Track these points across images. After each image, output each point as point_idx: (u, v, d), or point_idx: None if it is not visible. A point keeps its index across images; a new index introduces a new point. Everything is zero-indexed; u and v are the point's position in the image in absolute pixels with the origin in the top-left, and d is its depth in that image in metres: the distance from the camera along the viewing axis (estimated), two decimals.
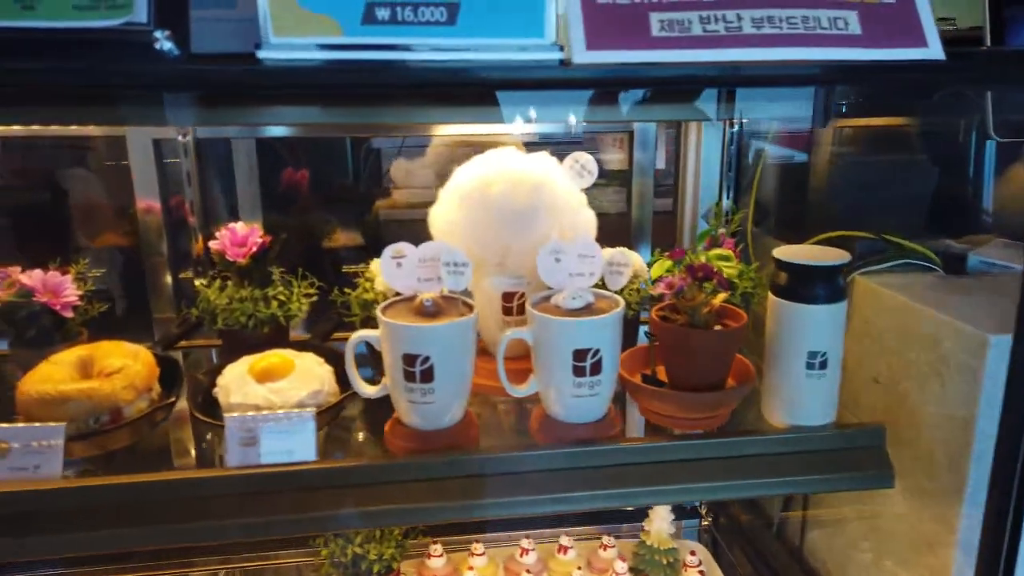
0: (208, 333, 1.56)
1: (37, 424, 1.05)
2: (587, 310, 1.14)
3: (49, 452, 1.05)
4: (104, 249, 1.80)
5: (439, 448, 1.13)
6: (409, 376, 1.10)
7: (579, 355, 1.10)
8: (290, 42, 0.91)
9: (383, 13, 0.93)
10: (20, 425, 1.05)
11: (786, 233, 1.62)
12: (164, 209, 1.64)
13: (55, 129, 1.67)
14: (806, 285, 1.13)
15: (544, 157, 1.32)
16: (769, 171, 1.66)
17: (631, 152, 1.75)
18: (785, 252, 1.16)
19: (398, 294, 1.35)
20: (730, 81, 1.00)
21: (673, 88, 1.01)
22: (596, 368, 1.11)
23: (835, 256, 1.14)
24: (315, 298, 1.40)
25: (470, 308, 1.15)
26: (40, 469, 1.05)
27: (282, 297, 1.35)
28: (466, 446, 1.15)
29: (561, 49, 0.94)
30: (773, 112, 1.30)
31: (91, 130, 1.63)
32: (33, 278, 1.26)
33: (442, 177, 2.24)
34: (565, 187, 1.30)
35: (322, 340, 1.42)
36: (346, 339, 1.14)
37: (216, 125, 1.56)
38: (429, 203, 1.33)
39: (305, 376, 1.20)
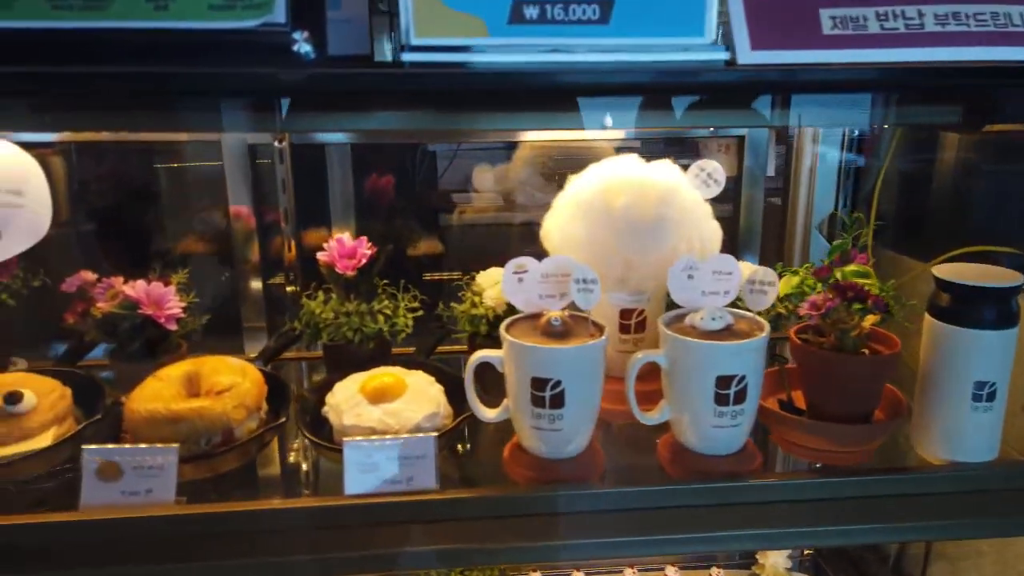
0: (301, 345, 1.52)
1: (150, 445, 1.00)
2: (729, 332, 1.05)
3: (162, 475, 1.00)
4: (192, 256, 1.77)
5: (565, 479, 1.05)
6: (537, 401, 1.02)
7: (723, 382, 1.01)
8: (434, 43, 0.85)
9: (531, 12, 0.86)
10: (132, 446, 1.00)
11: (909, 247, 1.51)
12: (257, 215, 1.60)
13: (146, 133, 1.64)
14: (975, 308, 1.02)
15: (668, 165, 1.23)
16: (890, 180, 1.55)
17: (740, 158, 1.65)
18: (948, 271, 1.05)
19: (510, 309, 1.28)
20: (910, 84, 0.91)
21: (845, 91, 0.92)
22: (740, 396, 1.02)
23: (1006, 276, 1.04)
24: (420, 313, 1.34)
25: (599, 328, 1.07)
26: (152, 494, 1.00)
27: (387, 311, 1.28)
28: (592, 477, 1.07)
29: (726, 49, 0.86)
30: (918, 117, 1.20)
31: (183, 134, 1.59)
32: (137, 289, 1.22)
33: (528, 183, 2.17)
34: (692, 197, 1.21)
35: (426, 356, 1.35)
36: (451, 355, 1.07)
37: (342, 131, 1.51)
38: (512, 210, 1.25)
39: (419, 397, 1.14)
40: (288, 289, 1.64)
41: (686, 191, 1.21)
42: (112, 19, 0.80)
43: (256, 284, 1.67)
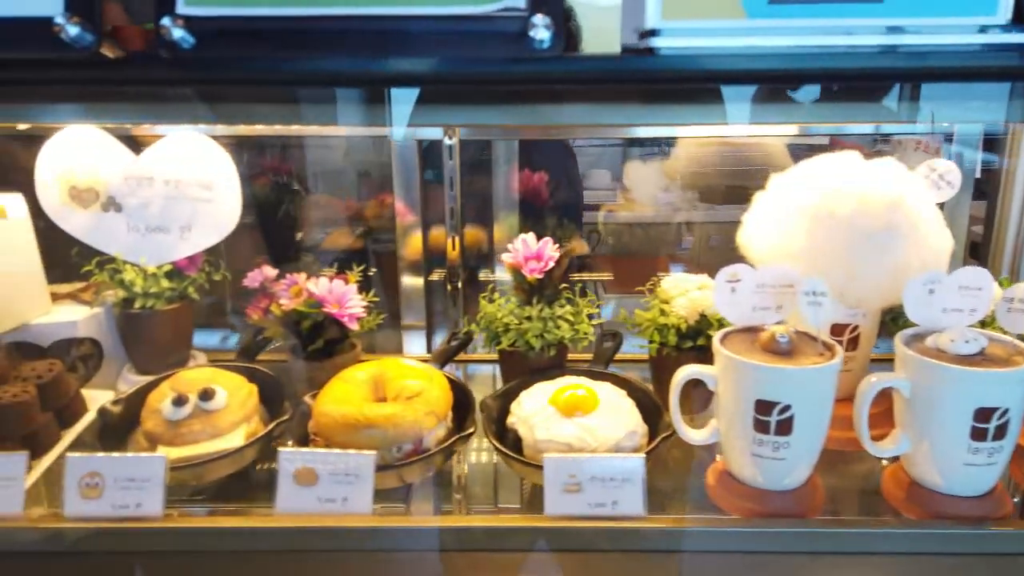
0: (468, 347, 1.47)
1: (347, 451, 0.96)
2: (985, 358, 0.91)
3: (358, 483, 0.96)
4: (354, 252, 1.76)
5: (783, 513, 0.95)
6: (761, 426, 0.92)
7: (982, 415, 0.88)
8: (684, 27, 0.76)
9: None
10: (330, 451, 0.97)
11: None
12: (423, 211, 1.56)
13: (312, 128, 1.63)
14: None
15: (894, 165, 1.10)
16: None
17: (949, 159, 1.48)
18: None
19: (703, 320, 1.19)
20: None
21: None
22: (1001, 432, 0.89)
23: None
24: (602, 320, 1.26)
25: (829, 347, 0.95)
26: (348, 502, 0.96)
27: (570, 317, 1.21)
28: (812, 513, 0.96)
29: None
30: None
31: (354, 128, 1.57)
32: (320, 287, 1.20)
33: (688, 181, 2.05)
34: (924, 203, 1.08)
35: (605, 365, 1.27)
36: (624, 364, 0.98)
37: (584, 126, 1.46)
38: (663, 209, 1.15)
39: (614, 412, 1.06)
40: (450, 288, 1.60)
41: (918, 195, 1.07)
42: (339, 5, 0.75)
43: (416, 282, 1.64)
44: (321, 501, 0.96)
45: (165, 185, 1.20)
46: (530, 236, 1.21)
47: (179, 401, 1.06)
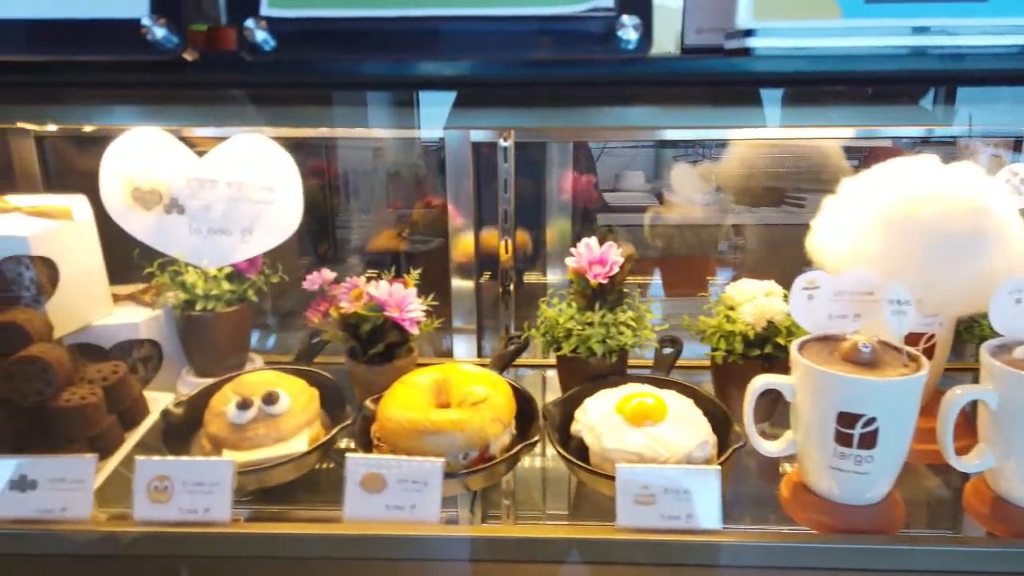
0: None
1: (414, 458, 0.95)
2: None
3: (426, 490, 0.95)
4: (404, 254, 1.75)
5: (864, 528, 0.92)
6: (843, 439, 0.89)
7: None
8: (779, 27, 0.74)
9: None
10: (398, 458, 0.95)
11: None
12: (476, 213, 1.55)
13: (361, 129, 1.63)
14: None
15: (973, 169, 1.07)
16: None
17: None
18: None
19: (771, 327, 1.16)
20: None
21: None
22: None
23: None
24: (666, 326, 1.23)
25: (913, 358, 0.92)
26: (416, 509, 0.95)
27: (632, 323, 1.19)
28: (893, 529, 0.93)
29: None
30: None
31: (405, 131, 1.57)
32: (380, 290, 1.19)
33: (737, 185, 2.01)
34: (1008, 208, 1.04)
35: (666, 372, 1.25)
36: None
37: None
38: (711, 211, 1.12)
39: (684, 421, 1.03)
40: (501, 291, 1.58)
41: (1001, 200, 1.04)
42: (432, 6, 0.74)
43: (466, 284, 1.63)
44: (389, 508, 0.95)
45: (227, 187, 1.20)
46: (592, 240, 1.19)
47: (243, 405, 1.05)
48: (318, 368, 1.23)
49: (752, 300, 1.18)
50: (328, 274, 1.29)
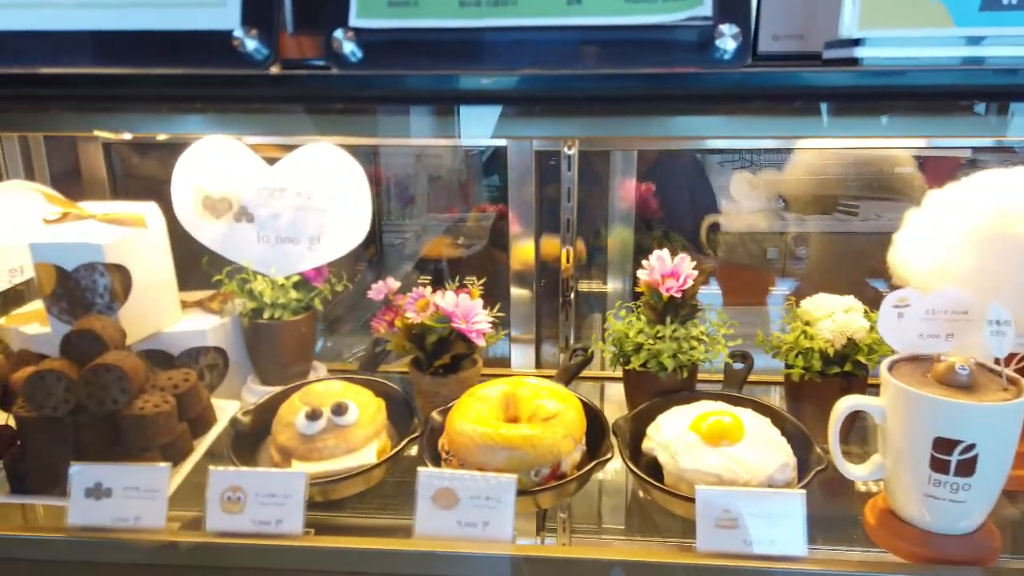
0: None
1: (490, 474, 0.93)
2: None
3: (499, 508, 0.93)
4: (463, 262, 1.74)
5: (959, 560, 0.88)
6: (939, 466, 0.85)
7: None
8: (887, 36, 0.70)
9: None
10: (471, 473, 0.94)
11: None
12: (537, 221, 1.53)
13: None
14: None
15: None
16: None
17: None
18: None
19: (850, 344, 1.12)
20: None
21: None
22: None
23: None
24: (740, 341, 1.20)
25: (1013, 381, 0.88)
26: (489, 527, 0.93)
27: (705, 338, 1.16)
28: (989, 561, 0.89)
29: None
30: None
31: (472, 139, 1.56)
32: (447, 301, 1.17)
33: (801, 195, 1.96)
34: None
35: (738, 389, 1.21)
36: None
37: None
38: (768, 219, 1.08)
39: (763, 442, 1.00)
40: (561, 301, 1.56)
41: None
42: (522, 15, 0.72)
43: (523, 293, 1.61)
44: (461, 525, 0.93)
45: (296, 196, 1.19)
46: (664, 253, 1.16)
47: (313, 415, 1.05)
48: (380, 377, 1.23)
49: (831, 316, 1.14)
50: (393, 283, 1.28)
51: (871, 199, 2.06)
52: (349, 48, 0.73)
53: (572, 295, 1.57)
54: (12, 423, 1.10)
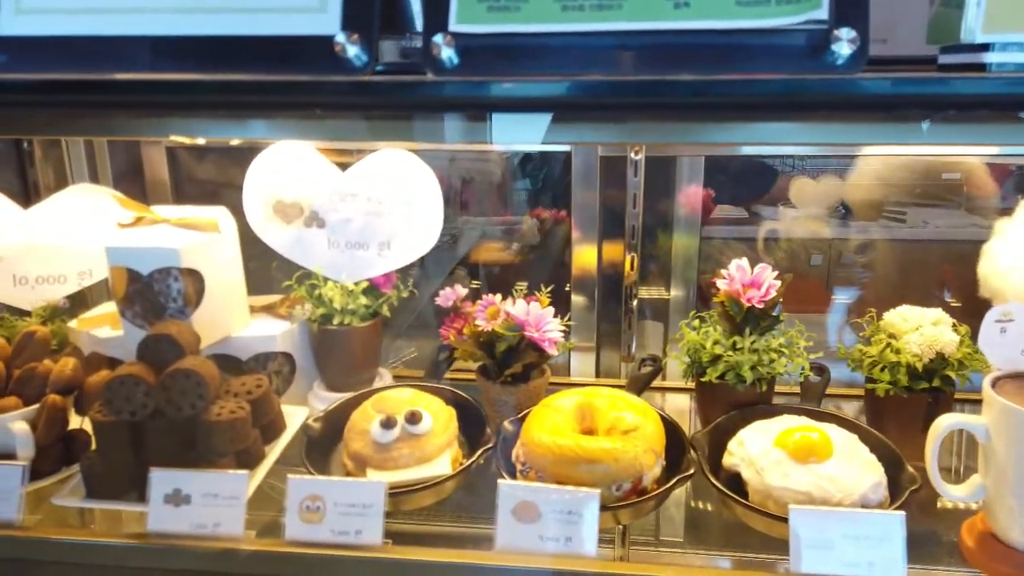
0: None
1: (572, 488, 0.91)
2: None
3: (581, 522, 0.91)
4: (521, 268, 1.72)
5: None
6: None
7: None
8: (1015, 40, 0.67)
9: None
10: (553, 487, 0.91)
11: None
12: (600, 227, 1.50)
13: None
14: None
15: None
16: None
17: None
18: None
19: (939, 359, 1.08)
20: None
21: None
22: None
23: None
24: (820, 353, 1.16)
25: None
26: (571, 543, 0.91)
27: (784, 350, 1.12)
28: None
29: None
30: None
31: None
32: (518, 309, 1.16)
33: (868, 202, 1.90)
34: None
35: (817, 403, 1.18)
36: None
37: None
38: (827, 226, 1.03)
39: (854, 460, 0.96)
40: (624, 309, 1.54)
41: None
42: (627, 19, 0.70)
43: (586, 301, 1.58)
44: (543, 540, 0.91)
45: (367, 201, 1.19)
46: (744, 262, 1.13)
47: (387, 424, 1.03)
48: (447, 385, 1.21)
49: (918, 329, 1.10)
50: (462, 290, 1.26)
51: (924, 206, 2.01)
52: (447, 53, 0.72)
53: (635, 302, 1.54)
54: (86, 427, 1.11)
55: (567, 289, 1.58)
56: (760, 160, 1.99)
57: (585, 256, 1.56)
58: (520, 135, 0.88)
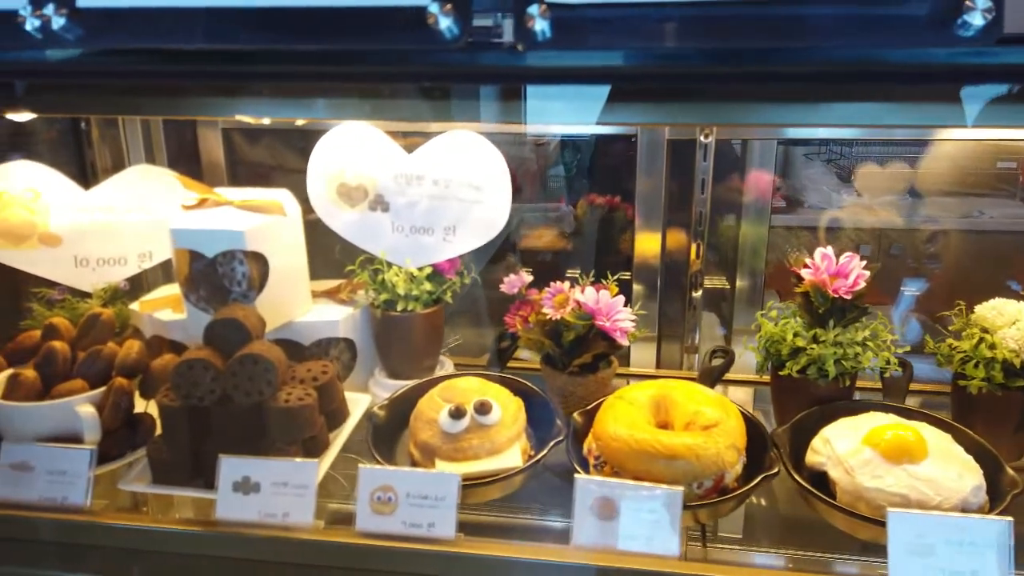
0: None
1: (655, 485, 0.87)
2: None
3: (664, 522, 0.87)
4: (580, 255, 1.68)
5: None
6: None
7: None
8: None
9: None
10: (634, 484, 0.88)
11: None
12: (664, 213, 1.45)
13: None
14: None
15: None
16: None
17: None
18: None
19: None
20: None
21: None
22: None
23: None
24: (907, 348, 1.11)
25: None
26: (653, 542, 0.87)
27: (871, 344, 1.07)
28: None
29: None
30: None
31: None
32: (588, 296, 1.12)
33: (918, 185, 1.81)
34: None
35: (901, 399, 1.12)
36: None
37: None
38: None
39: (950, 461, 0.91)
40: (688, 297, 1.49)
41: None
42: None
43: (647, 289, 1.54)
44: (624, 538, 0.87)
45: (434, 185, 1.15)
46: (829, 250, 1.08)
47: (456, 413, 1.00)
48: (511, 374, 1.18)
49: (1015, 323, 1.04)
50: (526, 276, 1.23)
51: (976, 195, 1.94)
52: (540, 26, 0.68)
53: (699, 292, 1.49)
54: (151, 411, 1.10)
55: (624, 277, 1.54)
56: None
57: (648, 243, 1.51)
58: (605, 116, 0.84)
